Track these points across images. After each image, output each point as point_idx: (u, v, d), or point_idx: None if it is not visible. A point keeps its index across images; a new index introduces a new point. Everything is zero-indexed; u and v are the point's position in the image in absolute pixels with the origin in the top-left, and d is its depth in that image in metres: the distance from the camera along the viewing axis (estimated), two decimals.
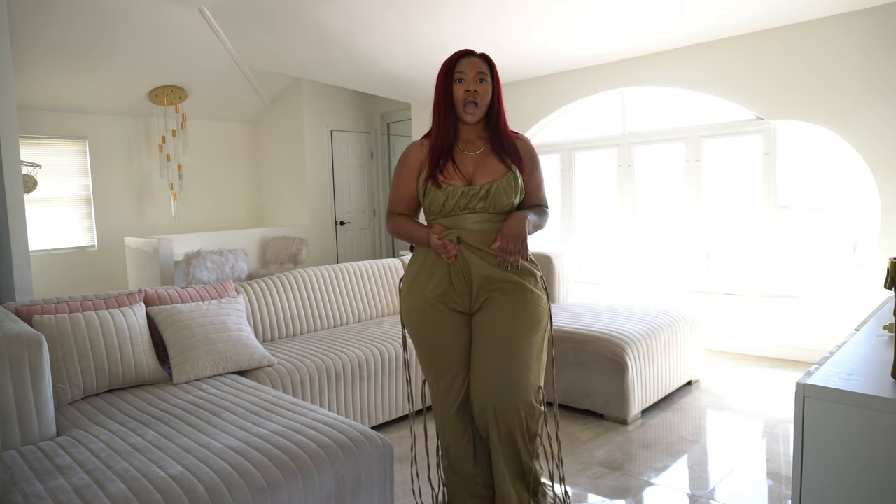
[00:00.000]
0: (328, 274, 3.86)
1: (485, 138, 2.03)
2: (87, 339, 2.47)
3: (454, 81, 1.96)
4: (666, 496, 2.46)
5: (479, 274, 1.94)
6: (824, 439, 1.29)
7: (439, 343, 2.01)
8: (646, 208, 5.19)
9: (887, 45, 3.73)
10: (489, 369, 1.93)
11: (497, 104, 2.01)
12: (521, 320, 1.94)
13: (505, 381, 1.91)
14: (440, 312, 1.99)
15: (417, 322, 2.03)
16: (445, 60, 1.99)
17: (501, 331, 1.93)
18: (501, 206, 1.95)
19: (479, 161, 1.99)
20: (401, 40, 5.03)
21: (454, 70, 1.96)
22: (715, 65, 4.44)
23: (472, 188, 1.94)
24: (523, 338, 1.93)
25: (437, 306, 1.99)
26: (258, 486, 1.67)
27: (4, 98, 3.82)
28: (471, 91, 1.94)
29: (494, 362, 1.93)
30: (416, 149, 2.06)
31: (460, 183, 1.96)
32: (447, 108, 1.98)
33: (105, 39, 5.52)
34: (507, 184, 1.95)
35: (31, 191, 6.15)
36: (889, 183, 3.82)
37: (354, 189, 7.85)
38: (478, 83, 1.94)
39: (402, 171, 2.06)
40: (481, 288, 1.96)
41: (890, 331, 1.69)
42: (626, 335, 3.26)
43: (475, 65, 1.95)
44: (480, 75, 1.95)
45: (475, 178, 1.97)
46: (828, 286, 4.31)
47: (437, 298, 1.98)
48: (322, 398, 2.93)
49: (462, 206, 1.94)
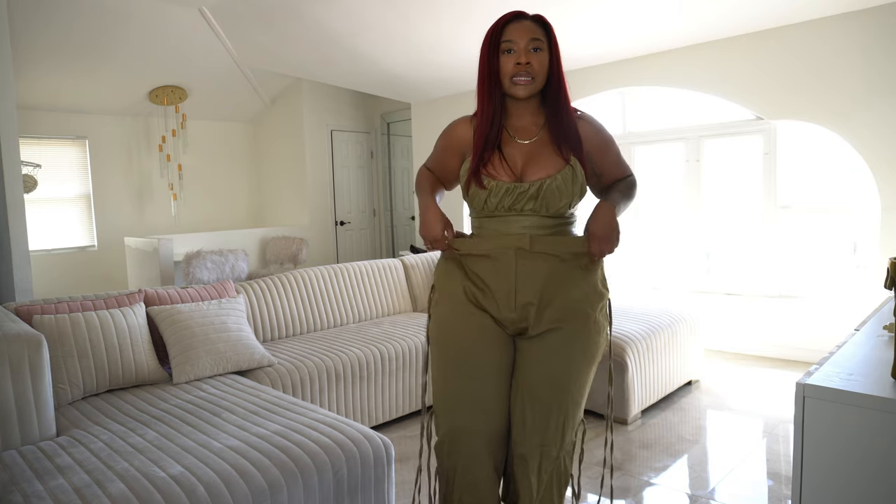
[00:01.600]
0: (328, 274, 3.86)
1: (540, 124, 1.65)
2: (87, 339, 2.47)
3: (501, 53, 1.58)
4: (666, 496, 2.46)
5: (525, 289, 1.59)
6: (824, 439, 1.29)
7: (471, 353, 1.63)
8: (646, 208, 5.19)
9: (887, 45, 3.73)
10: (538, 413, 1.62)
11: (557, 78, 1.61)
12: (581, 356, 1.62)
13: (554, 426, 1.63)
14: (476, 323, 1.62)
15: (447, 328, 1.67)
16: (491, 26, 1.60)
17: (552, 363, 1.61)
18: (556, 209, 1.61)
19: (531, 152, 1.63)
20: (401, 40, 5.03)
21: (501, 38, 1.58)
22: (715, 65, 4.44)
23: (520, 185, 1.59)
24: (579, 375, 1.63)
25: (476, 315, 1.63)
26: (258, 487, 1.67)
27: (4, 98, 3.82)
28: (522, 64, 1.55)
29: (541, 403, 1.62)
30: (462, 127, 1.70)
31: (507, 178, 1.60)
32: (493, 86, 1.60)
33: (105, 39, 5.52)
34: (564, 182, 1.59)
35: (31, 191, 6.15)
36: (889, 183, 3.82)
37: (354, 189, 7.85)
38: (531, 53, 1.56)
39: (441, 144, 1.74)
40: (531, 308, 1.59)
41: (890, 331, 1.69)
42: (626, 335, 3.26)
43: (528, 30, 1.57)
44: (535, 42, 1.56)
45: (525, 174, 1.61)
46: (828, 286, 4.31)
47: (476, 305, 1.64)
48: (322, 398, 2.93)
49: (507, 205, 1.60)
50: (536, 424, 1.63)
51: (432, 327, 1.73)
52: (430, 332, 1.74)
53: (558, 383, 1.62)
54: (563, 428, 1.64)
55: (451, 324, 1.66)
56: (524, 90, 1.58)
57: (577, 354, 1.62)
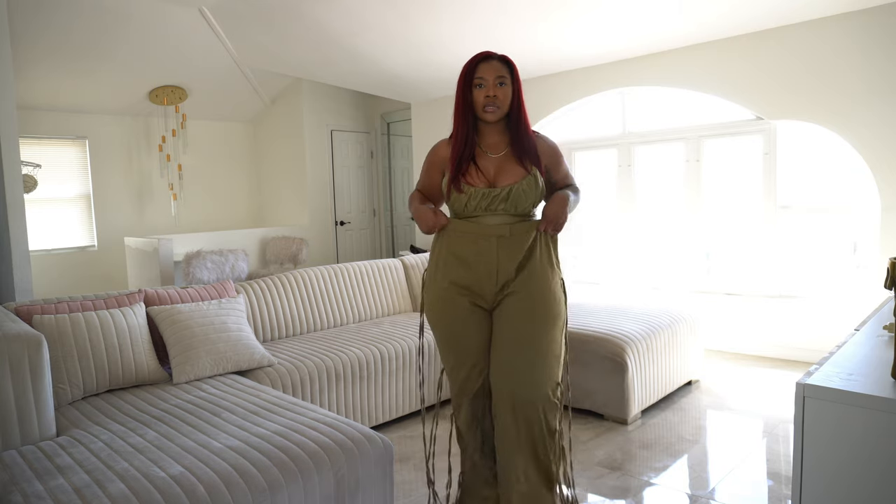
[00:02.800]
0: (328, 274, 3.86)
1: (507, 141, 2.05)
2: (87, 339, 2.47)
3: (474, 87, 1.98)
4: (666, 496, 2.46)
5: (505, 268, 1.98)
6: (824, 439, 1.29)
7: (460, 333, 2.04)
8: (646, 208, 5.19)
9: (887, 45, 3.73)
10: (509, 360, 1.98)
11: (518, 106, 2.02)
12: (542, 314, 1.98)
13: (524, 372, 1.96)
14: (462, 306, 2.03)
15: (440, 311, 2.06)
16: (465, 64, 2.01)
17: (522, 323, 1.98)
18: (522, 208, 2.00)
19: (500, 164, 2.02)
20: (401, 40, 5.04)
21: (473, 75, 1.97)
22: (715, 65, 4.44)
23: (493, 190, 1.97)
24: (543, 331, 1.98)
25: (459, 299, 2.03)
26: (258, 486, 1.67)
27: (4, 98, 3.82)
28: (490, 97, 1.96)
29: (514, 353, 1.98)
30: (442, 147, 2.10)
31: (482, 185, 1.99)
32: (466, 112, 2.01)
33: (105, 39, 5.52)
34: (528, 186, 1.98)
35: (31, 191, 6.15)
36: (889, 183, 3.82)
37: (354, 189, 7.85)
38: (497, 87, 1.96)
39: (426, 164, 2.14)
40: (507, 282, 2.00)
41: (890, 331, 1.69)
42: (626, 335, 3.26)
43: (494, 69, 1.97)
44: (500, 79, 1.96)
45: (497, 181, 2.00)
46: (828, 286, 4.31)
47: (458, 291, 2.02)
48: (322, 398, 2.93)
49: (483, 207, 1.98)
50: (502, 365, 2.00)
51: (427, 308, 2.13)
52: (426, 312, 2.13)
53: (524, 336, 1.98)
54: (531, 373, 1.97)
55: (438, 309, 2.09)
56: (492, 116, 1.99)
57: (539, 313, 1.98)
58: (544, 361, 1.97)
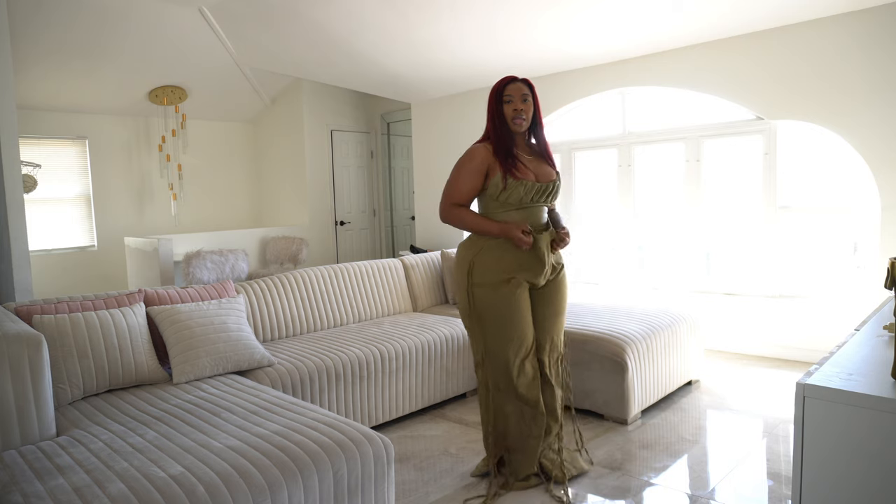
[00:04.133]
0: (328, 274, 3.86)
1: (530, 147, 2.54)
2: (87, 339, 2.47)
3: (504, 102, 2.44)
4: (666, 496, 2.46)
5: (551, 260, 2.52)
6: (824, 439, 1.29)
7: (525, 309, 2.47)
8: (646, 208, 5.19)
9: (888, 44, 3.73)
10: (553, 325, 2.58)
11: (538, 118, 2.51)
12: (565, 297, 2.62)
13: (559, 332, 2.61)
14: (523, 287, 2.45)
15: (506, 294, 2.42)
16: (495, 85, 2.48)
17: (560, 300, 2.58)
18: (553, 201, 2.53)
19: (535, 164, 2.48)
20: (401, 40, 5.03)
21: (503, 94, 2.44)
22: (715, 65, 4.44)
23: (542, 184, 2.44)
24: (565, 307, 2.62)
25: (521, 282, 2.44)
26: (258, 486, 1.67)
27: (4, 98, 3.82)
28: (518, 109, 2.42)
29: (556, 320, 2.58)
30: (482, 151, 2.44)
31: (531, 179, 2.42)
32: (502, 122, 2.45)
33: (105, 39, 5.52)
34: (560, 184, 2.53)
35: (31, 191, 6.15)
36: (889, 183, 3.82)
37: (354, 189, 7.85)
38: (522, 102, 2.44)
39: (469, 167, 2.44)
40: (552, 270, 2.54)
41: (890, 331, 1.69)
42: (626, 335, 3.26)
43: (519, 88, 2.44)
44: (524, 96, 2.44)
45: (539, 177, 2.45)
46: (828, 286, 4.31)
47: (520, 275, 2.44)
48: (322, 398, 2.93)
49: (535, 198, 2.43)
50: (549, 329, 2.57)
51: (487, 300, 2.48)
52: (483, 302, 2.47)
53: (560, 309, 2.60)
54: (560, 333, 2.63)
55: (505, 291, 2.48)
56: (521, 127, 2.46)
57: (565, 294, 2.63)
58: (563, 328, 2.63)
